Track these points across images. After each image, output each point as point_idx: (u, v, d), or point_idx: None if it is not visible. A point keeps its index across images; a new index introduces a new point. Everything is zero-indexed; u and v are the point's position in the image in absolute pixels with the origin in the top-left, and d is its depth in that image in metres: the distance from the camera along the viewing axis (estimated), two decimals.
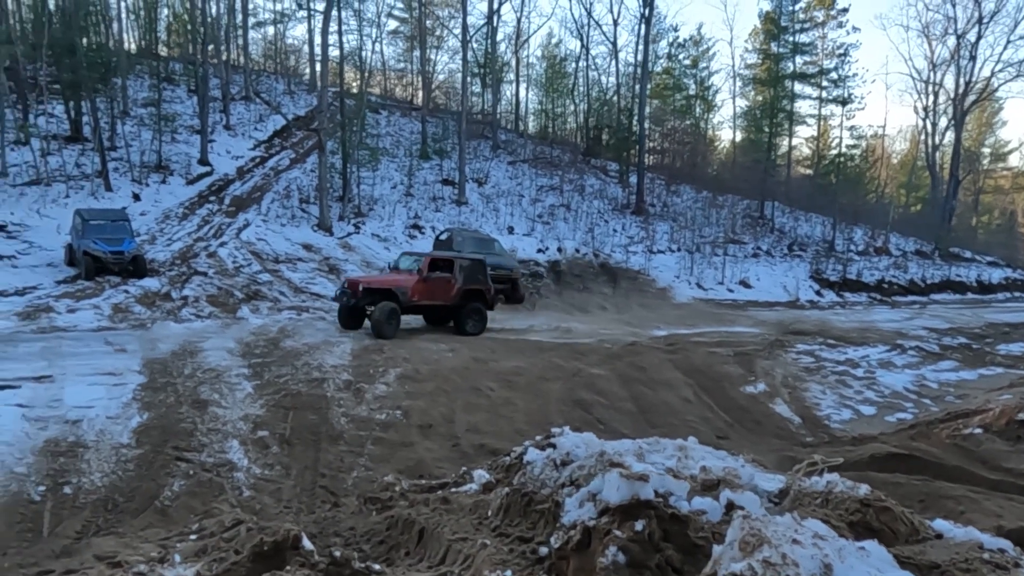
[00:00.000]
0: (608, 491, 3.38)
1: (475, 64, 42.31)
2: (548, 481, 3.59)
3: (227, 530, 4.60)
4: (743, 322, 21.23)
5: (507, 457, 4.55)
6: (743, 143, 49.94)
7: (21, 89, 29.57)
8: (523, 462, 4.00)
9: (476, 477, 4.03)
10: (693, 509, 3.49)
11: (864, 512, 3.65)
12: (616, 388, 12.26)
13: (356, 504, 4.45)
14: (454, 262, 16.84)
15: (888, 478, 6.81)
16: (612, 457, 3.58)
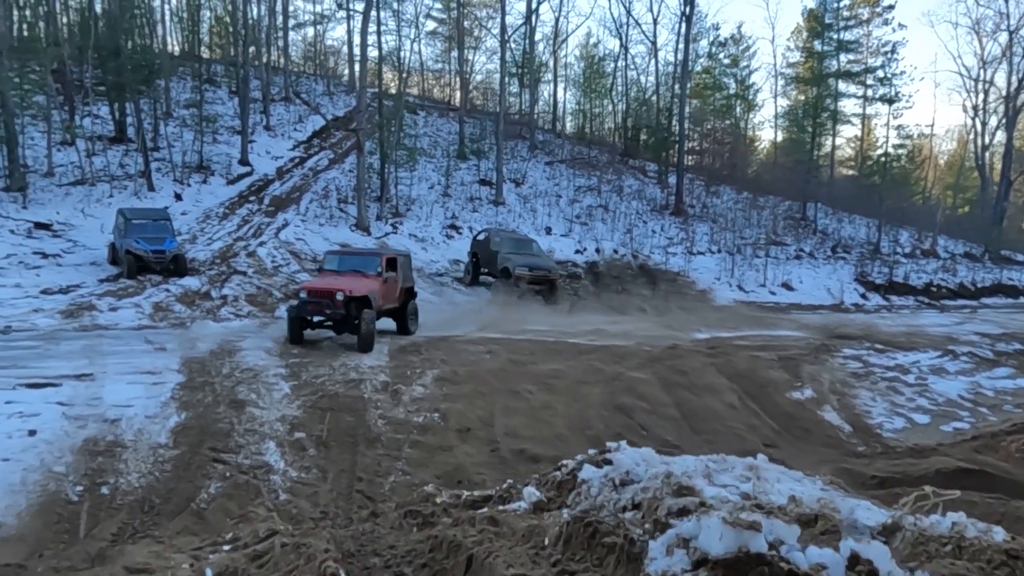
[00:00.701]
0: (707, 539, 2.86)
1: (513, 64, 42.14)
2: (607, 503, 3.31)
3: (261, 541, 4.44)
4: (786, 325, 20.71)
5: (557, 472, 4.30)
6: (784, 143, 49.02)
7: (67, 91, 30.09)
8: (577, 480, 3.74)
9: (526, 495, 3.78)
10: (812, 564, 2.91)
11: (1012, 566, 2.99)
12: (658, 393, 11.94)
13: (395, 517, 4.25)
14: (397, 260, 15.47)
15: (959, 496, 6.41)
16: (680, 479, 3.28)
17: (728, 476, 3.72)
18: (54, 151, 26.53)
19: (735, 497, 3.17)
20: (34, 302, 15.98)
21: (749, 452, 9.01)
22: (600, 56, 49.31)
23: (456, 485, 7.78)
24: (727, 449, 9.30)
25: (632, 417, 10.40)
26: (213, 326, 15.02)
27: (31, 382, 9.88)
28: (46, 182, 25.11)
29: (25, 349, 11.91)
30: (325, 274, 15.23)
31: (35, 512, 6.64)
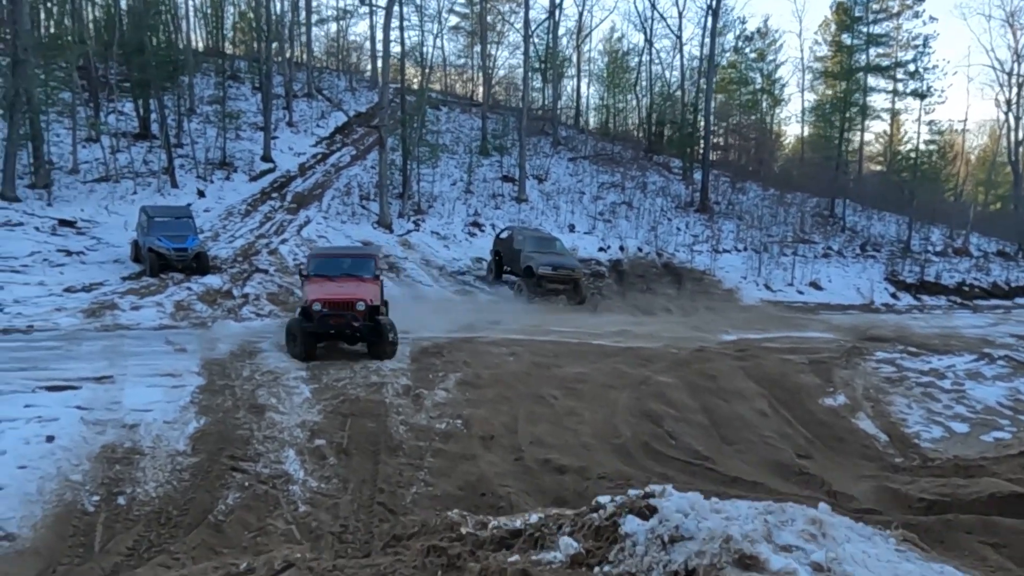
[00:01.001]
0: None
1: (536, 59, 41.78)
2: (656, 566, 3.01)
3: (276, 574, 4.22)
4: (815, 326, 20.26)
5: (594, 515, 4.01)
6: (812, 138, 48.27)
7: (93, 87, 30.22)
8: (619, 531, 3.45)
9: (562, 545, 3.49)
10: None
11: None
12: (686, 398, 11.62)
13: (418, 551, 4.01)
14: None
15: (1020, 525, 6.01)
16: (741, 545, 2.97)
17: (791, 533, 3.39)
18: (79, 148, 26.62)
19: (806, 572, 2.86)
20: (57, 300, 15.96)
21: (783, 464, 8.76)
22: (624, 50, 48.88)
23: (480, 498, 7.58)
24: (759, 459, 9.06)
25: (660, 425, 10.09)
26: (234, 326, 14.90)
27: (51, 384, 9.78)
28: (71, 179, 25.21)
29: (47, 350, 11.84)
30: (317, 280, 13.28)
31: (51, 523, 6.49)
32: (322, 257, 14.67)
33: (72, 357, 11.49)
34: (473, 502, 7.49)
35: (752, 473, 8.17)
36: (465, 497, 7.62)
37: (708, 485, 7.67)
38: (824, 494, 7.19)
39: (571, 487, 7.64)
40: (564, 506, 7.34)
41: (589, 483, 7.61)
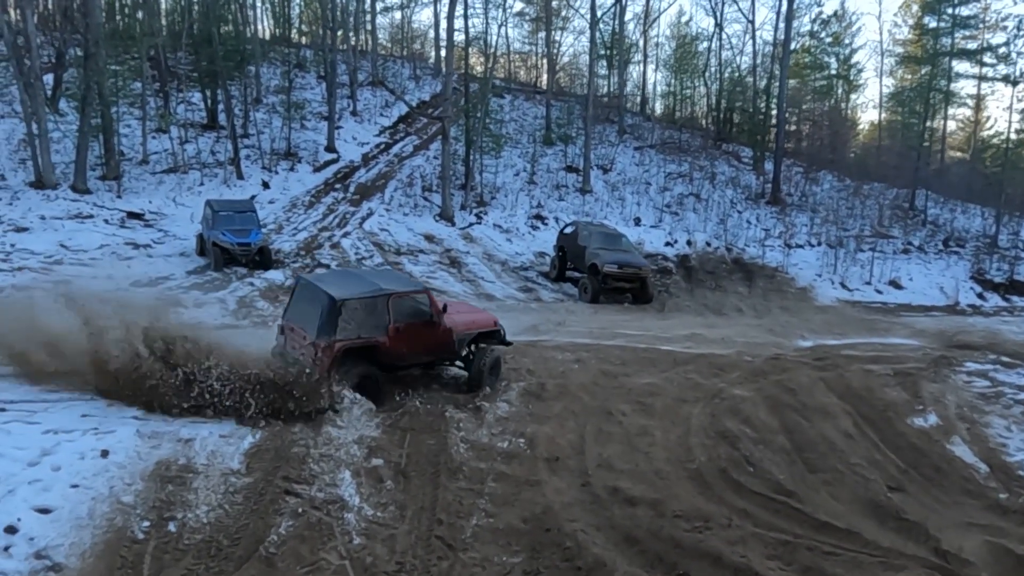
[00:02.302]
0: None
1: (602, 45, 40.80)
2: None
3: None
4: (898, 331, 19.13)
5: None
6: (890, 126, 46.16)
7: (162, 78, 30.61)
8: None
9: None
10: None
11: None
12: (764, 415, 10.90)
13: None
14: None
15: None
16: None
17: None
18: (149, 139, 26.97)
19: None
20: (123, 296, 16.02)
21: (876, 503, 8.00)
22: (692, 35, 47.40)
23: (544, 534, 7.08)
24: (849, 494, 8.33)
25: (737, 448, 9.42)
26: None
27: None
28: (140, 170, 25.54)
29: None
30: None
31: (100, 552, 6.26)
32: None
33: None
34: (537, 538, 7.00)
35: (843, 514, 7.46)
36: (529, 532, 7.13)
37: (795, 528, 7.04)
38: (931, 551, 6.46)
39: (644, 524, 7.07)
40: (636, 546, 6.83)
41: (664, 522, 7.02)
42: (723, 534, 6.68)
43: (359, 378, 9.88)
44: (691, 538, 6.64)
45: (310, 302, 10.17)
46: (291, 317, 10.63)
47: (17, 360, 9.45)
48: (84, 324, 9.32)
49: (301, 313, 10.35)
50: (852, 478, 8.73)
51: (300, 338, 10.13)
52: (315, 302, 9.99)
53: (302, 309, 10.38)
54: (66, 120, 25.04)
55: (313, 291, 10.26)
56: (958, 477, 9.26)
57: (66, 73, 27.34)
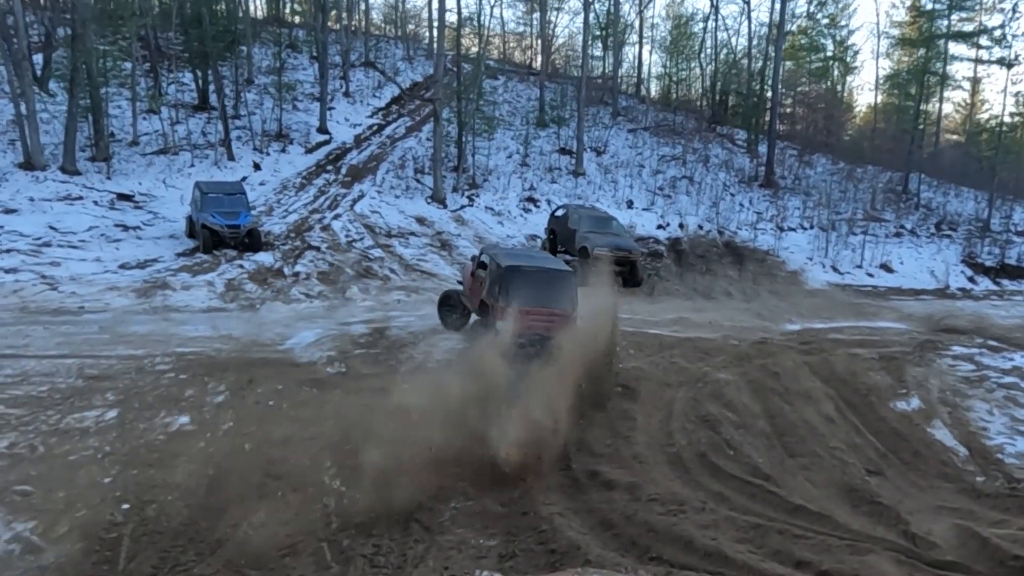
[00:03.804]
0: None
1: (596, 26, 40.57)
2: None
3: None
4: (886, 315, 19.21)
5: None
6: (885, 108, 46.01)
7: (153, 59, 30.36)
8: None
9: None
10: None
11: None
12: (747, 399, 10.96)
13: None
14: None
15: None
16: None
17: None
18: (139, 120, 26.79)
19: None
20: (112, 278, 16.06)
21: (852, 487, 8.08)
22: (688, 16, 47.16)
23: (521, 518, 7.14)
24: (826, 478, 8.41)
25: (718, 431, 9.47)
26: (282, 309, 14.78)
27: (92, 375, 9.66)
28: (130, 151, 25.40)
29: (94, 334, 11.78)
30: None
31: (76, 535, 6.28)
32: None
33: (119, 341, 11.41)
34: (514, 522, 7.07)
35: (817, 498, 7.52)
36: (507, 516, 7.19)
37: (768, 511, 7.10)
38: (899, 534, 6.53)
39: (620, 508, 7.12)
40: (610, 530, 6.91)
41: (639, 506, 7.08)
42: (696, 518, 6.74)
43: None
44: (664, 521, 6.70)
45: (548, 284, 11.68)
46: (529, 302, 11.15)
47: None
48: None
49: (540, 296, 11.41)
50: (830, 462, 8.80)
51: (546, 316, 11.31)
52: (554, 283, 11.68)
53: (540, 292, 11.47)
54: (55, 101, 24.88)
55: (549, 274, 11.95)
56: (936, 461, 9.33)
57: (55, 53, 27.10)
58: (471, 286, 12.88)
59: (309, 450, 8.10)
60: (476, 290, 12.52)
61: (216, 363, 10.60)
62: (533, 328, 11.10)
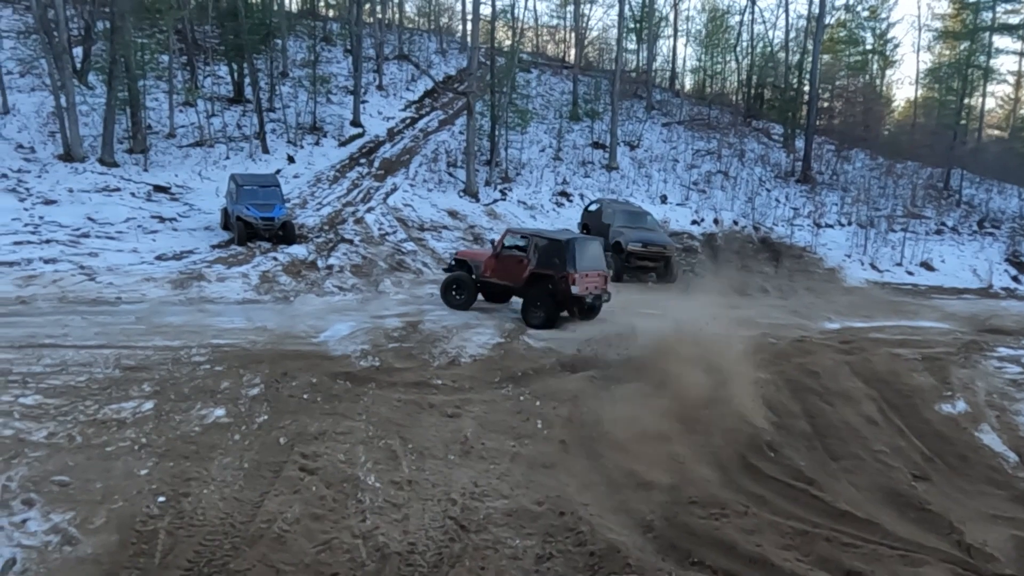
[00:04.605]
0: None
1: (631, 19, 40.18)
2: None
3: None
4: (928, 314, 18.75)
5: None
6: (926, 103, 45.02)
7: (189, 52, 30.63)
8: None
9: None
10: None
11: None
12: (786, 400, 10.72)
13: None
14: (534, 243, 14.45)
15: None
16: None
17: None
18: (176, 112, 27.04)
19: None
20: (148, 269, 16.19)
21: (898, 492, 7.83)
22: (724, 9, 46.47)
23: (558, 518, 7.01)
24: (870, 482, 8.16)
25: (758, 432, 9.25)
26: (315, 301, 14.77)
27: (129, 365, 9.70)
28: (167, 144, 25.66)
29: (131, 324, 11.85)
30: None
31: (113, 527, 6.27)
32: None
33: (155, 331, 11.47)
34: (550, 522, 6.94)
35: (863, 503, 7.30)
36: (543, 515, 7.07)
37: (812, 516, 6.90)
38: (953, 544, 6.30)
39: (659, 510, 6.97)
40: (650, 532, 6.75)
41: (679, 508, 6.92)
42: (739, 522, 6.57)
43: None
44: (706, 525, 6.54)
45: (593, 251, 14.69)
46: (585, 266, 14.09)
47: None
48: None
49: (591, 260, 14.39)
50: (874, 466, 8.56)
51: (597, 277, 14.55)
52: (596, 250, 14.88)
53: (589, 256, 14.37)
54: (94, 93, 25.19)
55: (592, 242, 15.09)
56: (985, 466, 9.05)
57: (95, 46, 27.44)
58: (501, 266, 14.71)
59: (343, 445, 8.05)
60: (515, 268, 14.46)
61: (251, 355, 10.59)
62: (594, 287, 14.46)
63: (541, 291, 14.07)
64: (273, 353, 10.75)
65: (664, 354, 10.98)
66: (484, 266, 14.85)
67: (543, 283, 14.08)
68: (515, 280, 14.48)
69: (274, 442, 7.97)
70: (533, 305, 14.14)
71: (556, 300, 14.00)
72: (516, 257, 14.53)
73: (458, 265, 15.38)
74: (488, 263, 14.84)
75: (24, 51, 25.57)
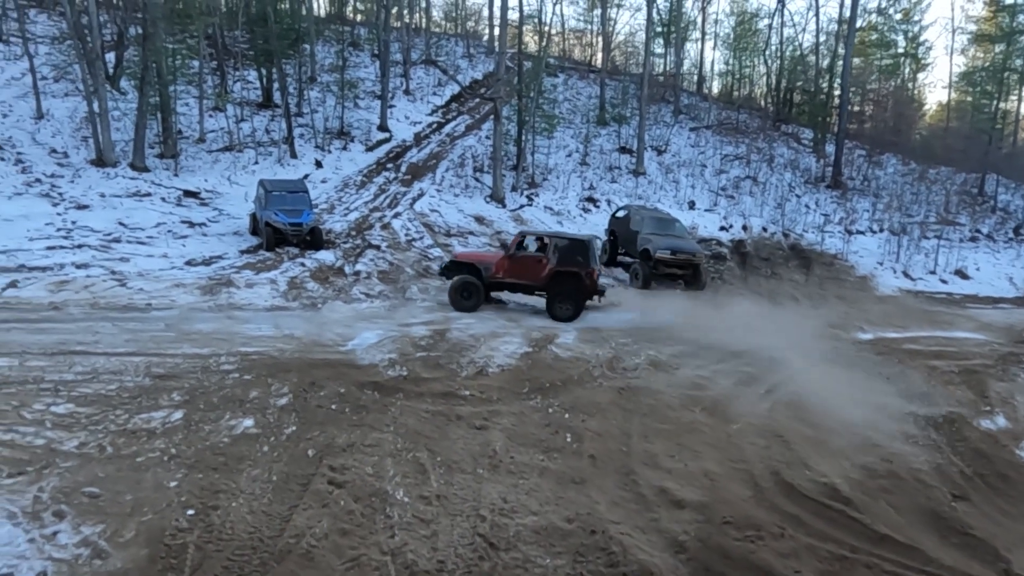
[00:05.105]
0: None
1: (659, 22, 39.93)
2: None
3: None
4: (963, 324, 18.38)
5: None
6: (959, 107, 44.23)
7: (219, 57, 30.91)
8: None
9: None
10: None
11: None
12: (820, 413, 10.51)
13: None
14: (547, 242, 15.91)
15: None
16: None
17: None
18: (206, 117, 27.28)
19: None
20: (178, 274, 16.29)
21: (939, 514, 7.62)
22: (753, 12, 46.13)
23: (589, 536, 6.90)
24: (909, 502, 7.96)
25: (791, 447, 9.08)
26: (343, 308, 14.76)
27: (159, 373, 9.74)
28: (197, 148, 25.88)
29: (160, 331, 11.91)
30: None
31: (143, 541, 6.26)
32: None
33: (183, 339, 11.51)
34: (581, 540, 6.83)
35: (903, 526, 7.11)
36: (573, 533, 6.96)
37: (851, 540, 6.73)
38: (1000, 573, 6.10)
39: (692, 530, 6.83)
40: (683, 553, 6.61)
41: (713, 529, 6.78)
42: (775, 545, 6.41)
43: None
44: (741, 548, 6.39)
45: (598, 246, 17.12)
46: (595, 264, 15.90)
47: None
48: None
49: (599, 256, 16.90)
50: (913, 485, 8.34)
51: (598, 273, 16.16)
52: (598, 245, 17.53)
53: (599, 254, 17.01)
54: (126, 99, 25.50)
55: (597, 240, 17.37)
56: None
57: (127, 52, 27.77)
58: (516, 267, 15.52)
59: (371, 458, 7.99)
60: (534, 267, 15.49)
61: (279, 364, 10.59)
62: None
63: (569, 287, 15.37)
64: (301, 362, 10.74)
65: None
66: (496, 268, 15.53)
67: (569, 280, 15.38)
68: (534, 279, 15.55)
69: (302, 454, 7.94)
70: (561, 300, 15.40)
71: (582, 294, 15.45)
72: (534, 257, 15.64)
73: (455, 267, 15.78)
74: (500, 264, 15.58)
75: (58, 57, 25.97)
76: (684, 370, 12.15)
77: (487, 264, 15.63)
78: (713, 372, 12.16)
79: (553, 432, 9.22)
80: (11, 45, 28.59)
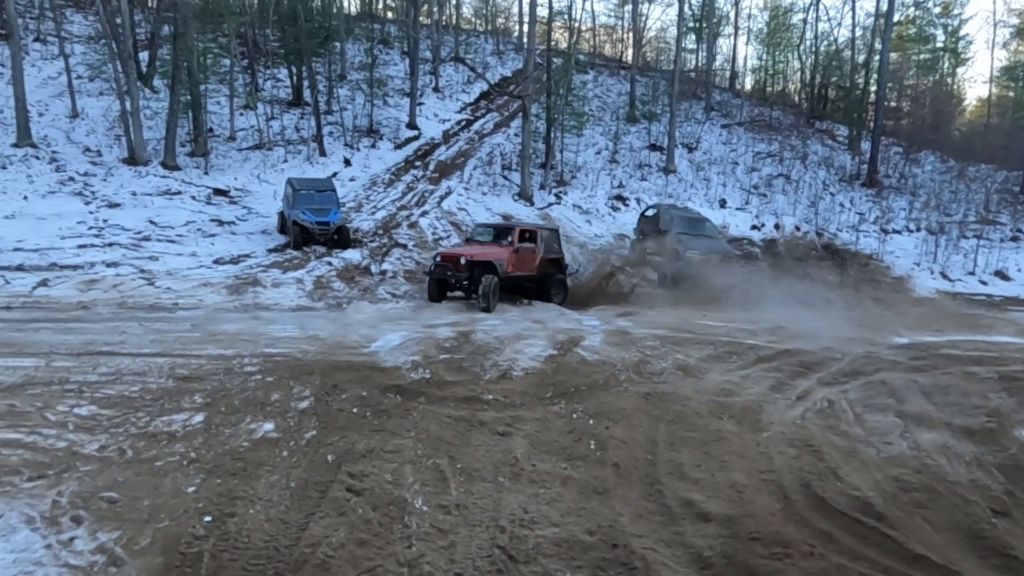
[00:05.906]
0: None
1: (690, 18, 39.45)
2: None
3: None
4: (1004, 328, 17.82)
5: None
6: (1001, 102, 43.20)
7: (250, 55, 31.12)
8: None
9: None
10: None
11: None
12: (853, 421, 10.21)
13: None
14: (536, 232, 17.38)
15: None
16: None
17: None
18: (236, 115, 27.49)
19: None
20: (205, 273, 16.41)
21: (977, 533, 7.29)
22: (787, 7, 45.39)
23: (611, 550, 6.71)
24: (946, 519, 7.63)
25: (823, 459, 8.79)
26: (368, 308, 14.74)
27: (182, 375, 9.74)
28: (227, 147, 26.09)
29: (186, 332, 11.94)
30: (470, 243, 17.12)
31: (159, 548, 6.19)
32: (484, 226, 18.26)
33: (208, 340, 11.53)
34: (602, 554, 6.64)
35: (940, 546, 6.80)
36: (594, 546, 6.77)
37: (884, 559, 6.45)
38: None
39: (718, 546, 6.61)
40: (709, 570, 6.40)
41: (740, 545, 6.55)
42: (804, 564, 6.16)
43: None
44: (769, 567, 6.15)
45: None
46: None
47: None
48: None
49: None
50: (950, 499, 8.01)
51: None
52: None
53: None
54: (158, 97, 25.77)
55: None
56: None
57: (159, 51, 28.06)
58: (520, 260, 16.32)
59: (391, 464, 7.88)
60: (530, 258, 16.53)
61: (302, 366, 10.56)
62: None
63: (557, 273, 17.26)
64: (324, 364, 10.69)
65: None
66: (507, 263, 16.22)
67: (555, 266, 17.28)
68: (530, 269, 16.82)
69: (322, 460, 7.85)
70: (555, 287, 17.13)
71: (565, 279, 17.39)
72: (529, 248, 16.87)
73: (471, 268, 15.76)
74: (511, 259, 16.33)
75: (93, 56, 26.32)
76: (712, 375, 11.91)
77: (501, 260, 15.82)
78: (742, 378, 11.91)
79: (576, 439, 9.03)
80: (48, 44, 29.04)
